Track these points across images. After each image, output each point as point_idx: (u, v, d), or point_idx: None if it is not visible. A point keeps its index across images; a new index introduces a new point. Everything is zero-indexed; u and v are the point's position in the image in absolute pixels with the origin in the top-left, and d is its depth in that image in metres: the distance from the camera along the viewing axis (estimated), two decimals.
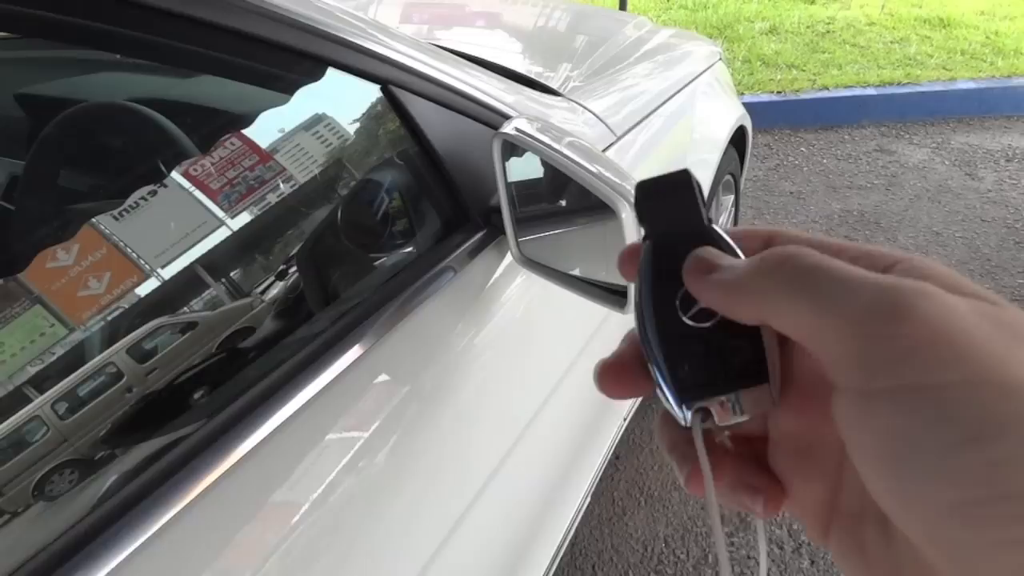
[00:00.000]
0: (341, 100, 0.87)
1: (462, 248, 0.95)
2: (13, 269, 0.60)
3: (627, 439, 2.03)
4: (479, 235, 0.97)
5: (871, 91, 4.02)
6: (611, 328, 1.32)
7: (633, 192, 0.29)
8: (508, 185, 0.89)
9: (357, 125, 0.89)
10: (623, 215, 0.78)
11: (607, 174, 0.81)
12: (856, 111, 4.00)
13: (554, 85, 1.46)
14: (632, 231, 0.78)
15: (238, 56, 0.69)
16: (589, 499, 1.43)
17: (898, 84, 4.08)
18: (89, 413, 0.61)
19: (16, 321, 0.58)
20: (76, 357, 0.61)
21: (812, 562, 1.68)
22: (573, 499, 1.32)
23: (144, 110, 0.77)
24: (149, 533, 0.56)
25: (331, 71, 0.80)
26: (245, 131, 0.78)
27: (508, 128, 0.84)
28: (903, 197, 3.23)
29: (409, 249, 0.93)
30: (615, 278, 0.84)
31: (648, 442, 2.02)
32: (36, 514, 0.56)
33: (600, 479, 1.55)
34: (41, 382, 0.59)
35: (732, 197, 2.23)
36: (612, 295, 0.86)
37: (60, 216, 0.70)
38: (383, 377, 0.80)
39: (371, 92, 0.87)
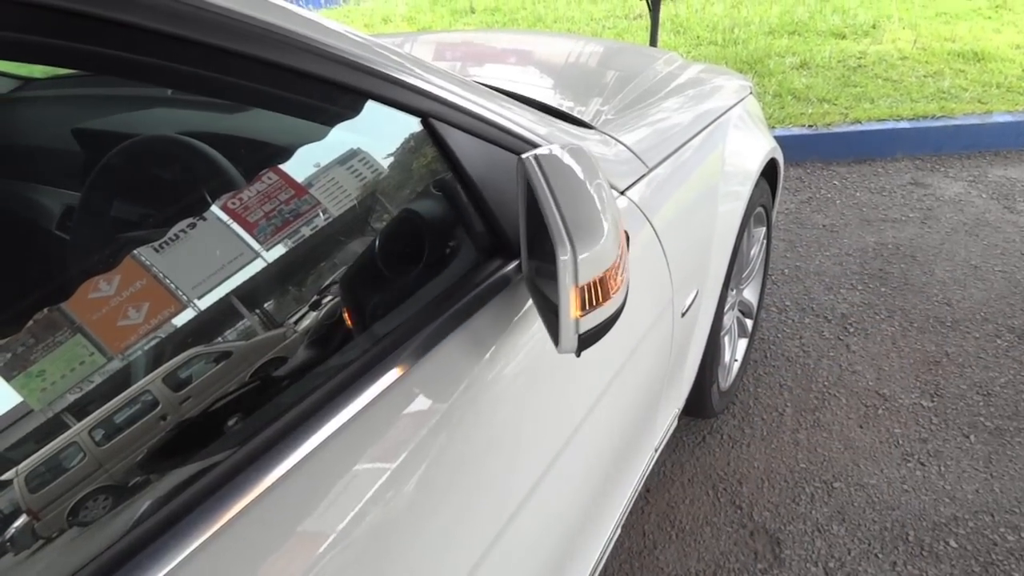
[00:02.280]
0: (379, 132, 0.89)
1: (498, 275, 0.96)
2: (61, 297, 0.62)
3: (658, 471, 2.01)
4: (515, 263, 0.98)
5: (905, 124, 3.98)
6: (643, 357, 1.31)
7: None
8: (528, 209, 0.90)
9: (395, 156, 0.91)
10: (561, 258, 0.77)
11: (572, 217, 0.80)
12: (889, 144, 3.96)
13: (586, 118, 1.47)
14: (567, 277, 0.78)
15: (285, 90, 0.71)
16: (619, 531, 1.40)
17: (932, 117, 4.04)
18: (125, 440, 0.62)
19: (58, 350, 0.60)
20: (114, 385, 0.62)
21: None
22: (603, 530, 1.30)
23: (193, 143, 0.79)
24: (181, 557, 0.57)
25: (370, 104, 0.82)
26: (285, 164, 0.79)
27: (528, 155, 0.85)
28: (939, 230, 3.18)
29: (446, 277, 0.94)
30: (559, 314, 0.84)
31: (679, 475, 1.99)
32: (70, 539, 0.57)
33: (630, 512, 1.52)
34: (79, 409, 0.60)
35: (764, 229, 2.21)
36: (552, 328, 0.86)
37: (109, 246, 0.72)
38: (415, 404, 0.80)
39: (409, 124, 0.88)
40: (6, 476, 0.55)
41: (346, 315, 0.83)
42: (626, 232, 1.17)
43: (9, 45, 0.51)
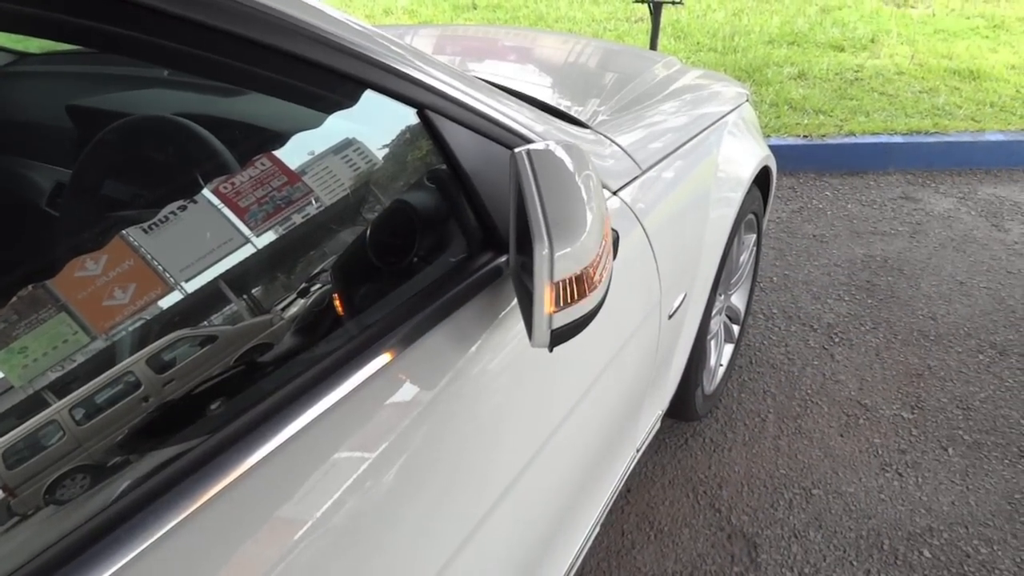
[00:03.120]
0: (375, 122, 0.89)
1: (487, 269, 0.96)
2: (47, 274, 0.61)
3: (639, 472, 2.02)
4: (505, 258, 0.98)
5: (898, 139, 4.01)
6: (629, 357, 1.31)
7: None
8: (518, 203, 0.90)
9: (389, 147, 0.91)
10: (540, 252, 0.78)
11: (554, 213, 0.81)
12: (882, 158, 3.99)
13: (583, 118, 1.47)
14: (543, 272, 0.78)
15: (283, 75, 0.71)
16: (598, 529, 1.41)
17: (926, 133, 4.07)
18: (105, 420, 0.61)
19: (41, 327, 0.59)
20: (96, 365, 0.62)
21: None
22: (582, 527, 1.31)
23: (188, 124, 0.79)
24: (159, 534, 0.57)
25: (367, 93, 0.82)
26: (279, 151, 0.79)
27: (520, 149, 0.85)
28: (927, 245, 3.21)
29: (435, 269, 0.94)
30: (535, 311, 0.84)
31: (660, 476, 2.00)
32: (46, 517, 0.57)
33: (610, 511, 1.53)
34: (61, 388, 0.59)
35: (754, 236, 2.22)
36: (528, 322, 0.86)
37: (98, 225, 0.72)
38: (398, 395, 0.80)
39: (405, 115, 0.88)
40: None
41: (334, 304, 0.83)
42: (616, 232, 1.17)
43: (8, 16, 0.50)
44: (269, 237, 0.75)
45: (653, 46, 4.14)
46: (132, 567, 0.55)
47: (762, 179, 2.08)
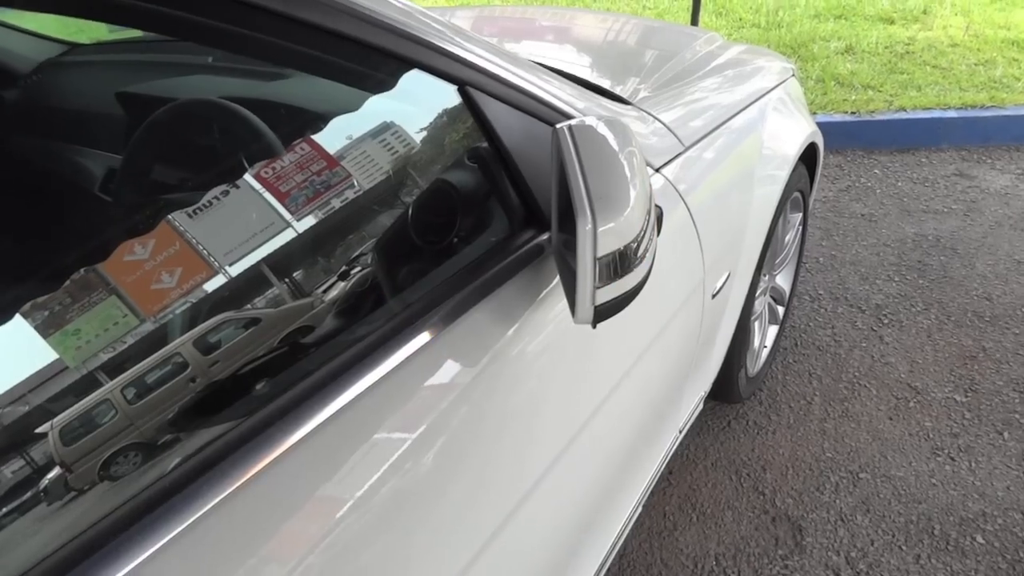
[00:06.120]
0: (416, 100, 0.89)
1: (529, 247, 0.95)
2: (99, 258, 0.63)
3: (681, 454, 2.00)
4: (547, 236, 0.98)
5: (952, 114, 3.87)
6: (671, 337, 1.30)
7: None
8: (560, 179, 0.89)
9: (431, 125, 0.91)
10: (584, 227, 0.77)
11: (597, 188, 0.80)
12: (935, 134, 3.86)
13: (624, 95, 1.45)
14: (587, 247, 0.78)
15: (325, 54, 0.72)
16: (640, 510, 1.41)
17: (981, 107, 3.92)
18: (155, 399, 0.63)
19: (93, 310, 0.61)
20: (146, 346, 0.63)
21: None
22: (624, 508, 1.31)
23: (234, 107, 0.80)
24: (203, 511, 0.59)
25: (409, 72, 0.82)
26: (322, 133, 0.80)
27: (562, 125, 0.84)
28: (982, 223, 3.10)
29: (477, 247, 0.94)
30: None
31: (703, 459, 1.98)
32: (101, 492, 0.59)
33: (652, 492, 1.52)
34: (112, 368, 0.61)
35: (800, 215, 2.18)
36: (571, 298, 0.85)
37: (148, 209, 0.74)
38: (440, 374, 0.81)
39: (446, 93, 0.88)
40: (41, 429, 0.57)
41: (375, 283, 0.84)
42: (660, 208, 1.16)
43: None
44: (313, 219, 0.76)
45: (694, 22, 4.07)
46: (184, 537, 0.57)
47: (808, 156, 2.03)
